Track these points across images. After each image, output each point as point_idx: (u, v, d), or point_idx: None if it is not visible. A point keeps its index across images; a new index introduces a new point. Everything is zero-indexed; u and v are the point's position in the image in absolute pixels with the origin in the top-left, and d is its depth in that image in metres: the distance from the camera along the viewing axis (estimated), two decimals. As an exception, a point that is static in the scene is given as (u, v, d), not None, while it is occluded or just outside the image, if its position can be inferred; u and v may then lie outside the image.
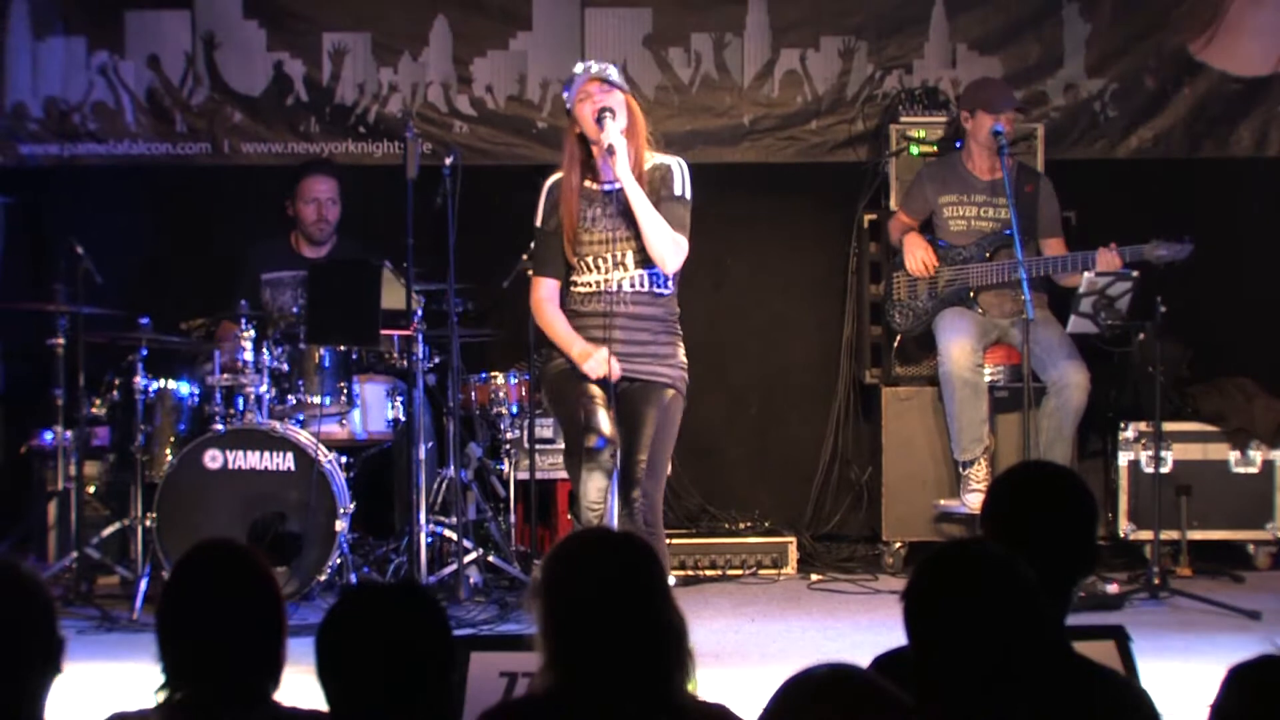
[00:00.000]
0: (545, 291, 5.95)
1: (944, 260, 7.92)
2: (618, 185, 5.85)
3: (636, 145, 5.88)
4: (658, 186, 5.87)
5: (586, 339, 5.83)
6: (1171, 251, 7.44)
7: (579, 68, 5.94)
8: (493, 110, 8.84)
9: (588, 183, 5.91)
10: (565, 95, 5.96)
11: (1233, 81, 8.87)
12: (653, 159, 5.93)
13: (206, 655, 3.01)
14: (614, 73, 5.90)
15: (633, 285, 5.85)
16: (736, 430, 8.93)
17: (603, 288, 5.84)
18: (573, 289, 5.93)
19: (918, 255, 7.94)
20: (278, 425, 7.11)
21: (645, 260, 5.84)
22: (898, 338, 8.16)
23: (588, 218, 5.87)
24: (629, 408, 5.80)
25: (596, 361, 5.77)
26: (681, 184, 5.90)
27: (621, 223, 5.83)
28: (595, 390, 5.76)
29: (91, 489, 7.58)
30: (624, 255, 5.84)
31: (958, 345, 7.71)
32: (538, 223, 5.96)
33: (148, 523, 6.98)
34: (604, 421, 5.67)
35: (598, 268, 5.86)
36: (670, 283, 5.93)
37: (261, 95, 8.78)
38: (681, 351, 5.94)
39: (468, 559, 7.17)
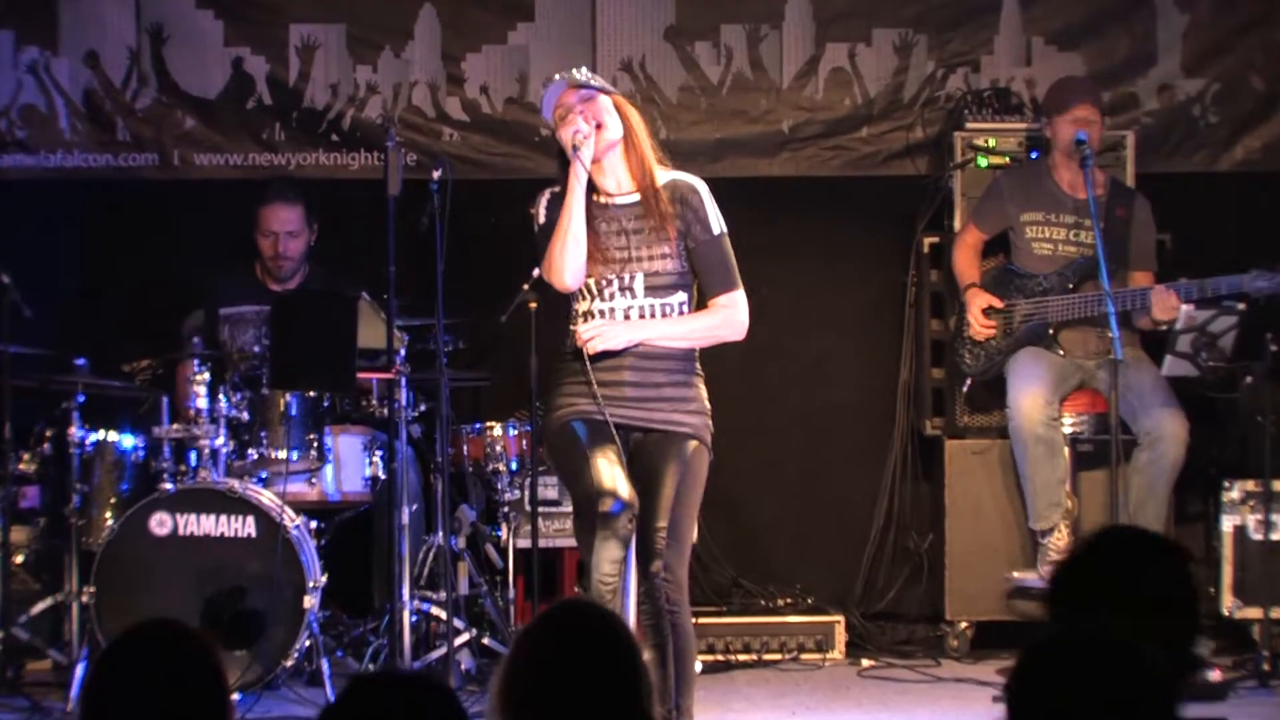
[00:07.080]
0: None
1: (1021, 291, 7.92)
2: (627, 198, 5.86)
3: (639, 156, 5.85)
4: (689, 221, 5.80)
5: (591, 381, 5.77)
6: (1273, 284, 7.40)
7: (550, 84, 5.91)
8: (488, 115, 8.88)
9: (594, 196, 5.84)
10: (544, 115, 5.95)
11: (1356, 82, 8.92)
12: (665, 175, 5.87)
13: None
14: (588, 74, 5.87)
15: (642, 316, 5.81)
16: (774, 490, 8.94)
17: (606, 320, 5.81)
18: (572, 320, 5.89)
19: (977, 309, 7.94)
20: (236, 484, 7.14)
21: (658, 288, 5.80)
22: (966, 382, 8.15)
23: (598, 233, 5.80)
24: (645, 464, 5.74)
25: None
26: (715, 217, 5.84)
27: (633, 241, 5.79)
28: (607, 444, 5.69)
29: (19, 559, 7.60)
30: (632, 280, 5.80)
31: (1028, 396, 7.69)
32: (541, 220, 5.89)
33: (85, 598, 7.00)
34: (619, 481, 5.60)
35: (600, 293, 5.81)
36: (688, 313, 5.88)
37: (217, 98, 8.81)
38: (704, 394, 5.88)
39: (459, 641, 7.20)
